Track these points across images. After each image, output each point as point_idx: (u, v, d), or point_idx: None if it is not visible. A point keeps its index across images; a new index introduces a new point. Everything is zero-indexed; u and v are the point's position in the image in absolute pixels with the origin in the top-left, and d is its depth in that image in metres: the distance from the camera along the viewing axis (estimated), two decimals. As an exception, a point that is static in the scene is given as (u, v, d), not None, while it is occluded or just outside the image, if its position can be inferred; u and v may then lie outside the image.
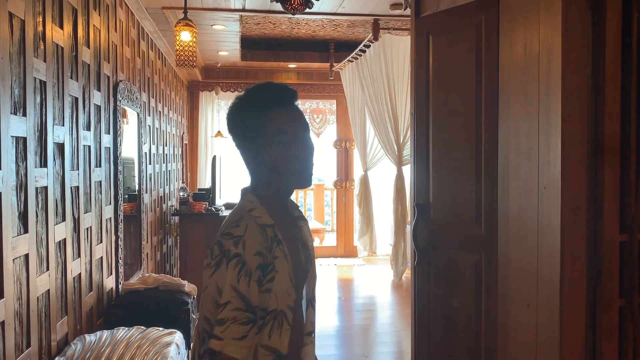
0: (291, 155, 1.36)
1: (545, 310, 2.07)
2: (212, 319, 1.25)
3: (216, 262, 1.25)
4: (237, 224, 1.30)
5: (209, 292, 1.26)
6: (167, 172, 5.72)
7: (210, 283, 1.26)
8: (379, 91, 5.86)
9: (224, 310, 1.22)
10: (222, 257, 1.25)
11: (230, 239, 1.26)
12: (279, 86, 1.40)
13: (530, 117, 2.15)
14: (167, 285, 3.27)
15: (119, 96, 3.42)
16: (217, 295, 1.24)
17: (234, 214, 1.35)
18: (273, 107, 1.36)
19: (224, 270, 1.24)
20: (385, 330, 5.42)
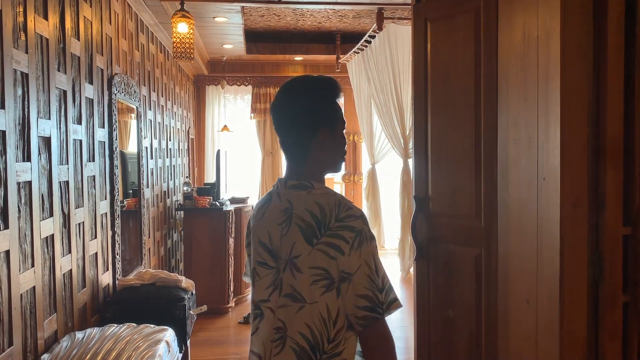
0: (341, 143, 1.50)
1: (545, 307, 1.97)
2: (373, 292, 1.33)
3: (358, 242, 1.33)
4: (348, 206, 1.38)
5: (362, 272, 1.33)
6: (171, 167, 5.68)
7: (361, 264, 1.33)
8: (384, 82, 5.76)
9: (385, 280, 1.36)
10: (357, 236, 1.33)
11: (354, 219, 1.35)
12: (333, 80, 1.50)
13: (530, 105, 2.05)
14: (163, 281, 3.22)
15: (114, 89, 3.36)
16: (369, 270, 1.33)
17: (328, 199, 1.39)
18: (333, 98, 1.47)
19: (366, 247, 1.33)
20: (393, 325, 5.31)
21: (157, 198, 4.92)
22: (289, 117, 1.46)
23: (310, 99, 1.45)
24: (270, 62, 7.89)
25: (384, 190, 7.66)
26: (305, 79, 1.50)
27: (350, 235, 1.33)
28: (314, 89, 1.47)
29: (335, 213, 1.36)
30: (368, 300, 1.33)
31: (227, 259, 5.41)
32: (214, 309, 5.34)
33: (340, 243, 1.33)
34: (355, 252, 1.32)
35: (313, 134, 1.44)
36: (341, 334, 1.37)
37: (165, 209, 5.30)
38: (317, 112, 1.44)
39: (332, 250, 1.33)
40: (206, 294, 5.36)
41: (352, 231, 1.33)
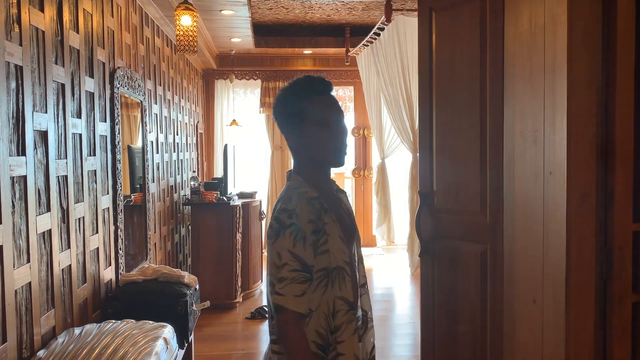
0: (327, 136, 1.57)
1: (551, 306, 1.90)
2: (273, 279, 1.46)
3: (275, 233, 1.48)
4: (288, 200, 1.52)
5: (270, 259, 1.49)
6: (178, 162, 5.65)
7: (271, 252, 1.49)
8: (393, 75, 5.67)
9: (283, 270, 1.45)
10: (280, 229, 1.47)
11: (285, 212, 1.49)
12: (316, 78, 1.62)
13: (536, 96, 1.97)
14: (166, 276, 3.19)
15: (116, 83, 3.33)
16: (277, 259, 1.46)
17: (285, 193, 1.57)
18: (312, 95, 1.57)
19: (281, 238, 1.47)
20: (402, 321, 5.28)
21: (164, 193, 4.89)
22: (276, 117, 1.64)
23: (283, 102, 1.61)
24: (279, 55, 7.83)
25: (394, 185, 7.58)
26: (289, 83, 1.64)
27: (275, 226, 1.50)
28: (287, 92, 1.61)
29: (279, 205, 1.54)
30: (271, 285, 1.48)
31: (234, 253, 5.38)
32: (221, 304, 5.32)
33: (269, 231, 1.52)
34: (270, 241, 1.50)
35: (293, 130, 1.59)
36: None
37: (172, 204, 5.28)
38: (289, 113, 1.59)
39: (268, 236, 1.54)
40: (213, 289, 5.33)
41: (277, 223, 1.49)
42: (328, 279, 1.51)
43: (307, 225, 1.47)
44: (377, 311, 5.56)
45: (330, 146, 1.58)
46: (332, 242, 1.52)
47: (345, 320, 1.53)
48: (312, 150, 1.59)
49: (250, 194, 6.15)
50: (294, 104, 1.58)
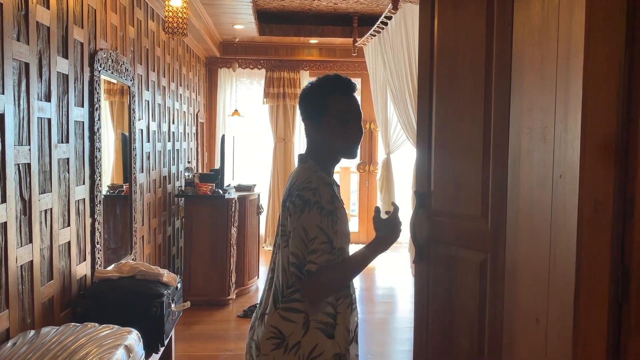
0: (343, 132, 1.72)
1: (556, 328, 1.66)
2: (302, 252, 1.60)
3: (300, 209, 1.61)
4: (310, 180, 1.65)
5: (296, 233, 1.60)
6: (174, 151, 5.44)
7: (297, 226, 1.61)
8: (399, 67, 5.41)
9: (314, 243, 1.59)
10: (305, 205, 1.60)
11: (309, 190, 1.62)
12: (343, 78, 1.78)
13: (547, 87, 1.72)
14: (143, 274, 2.98)
15: (97, 66, 3.11)
16: (304, 233, 1.60)
17: (302, 173, 1.70)
18: (336, 93, 1.73)
19: (307, 214, 1.60)
20: (403, 325, 5.04)
21: (155, 183, 4.68)
22: (302, 108, 1.78)
23: (310, 95, 1.76)
24: (284, 44, 7.58)
25: (399, 181, 7.32)
26: (318, 78, 1.79)
27: (298, 202, 1.61)
28: (316, 87, 1.76)
29: (298, 183, 1.66)
30: (296, 258, 1.61)
31: (228, 249, 5.17)
32: (214, 300, 5.12)
33: (291, 207, 1.63)
34: (295, 216, 1.61)
35: (316, 121, 1.73)
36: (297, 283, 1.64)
37: (165, 195, 5.07)
38: (315, 105, 1.73)
39: (288, 211, 1.64)
40: (206, 285, 5.14)
41: (301, 200, 1.61)
42: (336, 257, 1.65)
43: (327, 204, 1.62)
44: (377, 314, 5.33)
45: (345, 141, 1.75)
46: (340, 225, 1.66)
47: (342, 295, 1.73)
48: (329, 142, 1.74)
49: (249, 187, 5.93)
50: (319, 98, 1.73)
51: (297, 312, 1.65)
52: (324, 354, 1.65)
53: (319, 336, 1.65)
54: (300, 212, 1.60)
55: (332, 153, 1.76)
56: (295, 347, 1.64)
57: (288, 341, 1.64)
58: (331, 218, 1.62)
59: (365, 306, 5.56)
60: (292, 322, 1.65)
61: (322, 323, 1.66)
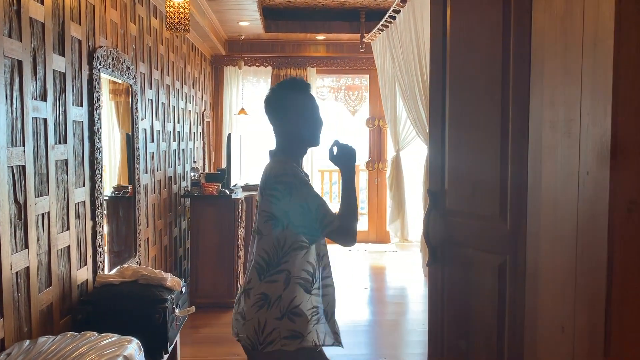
0: (306, 122, 1.99)
1: (584, 339, 1.53)
2: (311, 223, 1.86)
3: (288, 192, 1.85)
4: (285, 169, 1.90)
5: (295, 212, 1.85)
6: (179, 151, 5.34)
7: (292, 206, 1.85)
8: (409, 62, 5.27)
9: (320, 210, 1.85)
10: (290, 188, 1.85)
11: (287, 176, 1.87)
12: (298, 79, 2.05)
13: (571, 77, 1.59)
14: (146, 278, 2.88)
15: (96, 64, 3.01)
16: (305, 208, 1.85)
17: (277, 166, 1.93)
18: (295, 92, 1.99)
19: (297, 193, 1.85)
20: (415, 327, 4.90)
21: (160, 184, 4.59)
22: (267, 109, 2.04)
23: (275, 96, 2.02)
24: (290, 41, 7.46)
25: (409, 179, 7.18)
26: (280, 82, 2.06)
27: (281, 187, 1.86)
28: (278, 89, 2.03)
29: (274, 173, 1.91)
30: (308, 229, 1.88)
31: (235, 249, 5.06)
32: (221, 302, 5.01)
33: (277, 193, 1.87)
34: (285, 200, 1.85)
35: (281, 118, 2.01)
36: (288, 253, 1.89)
37: (170, 196, 4.97)
38: (281, 106, 2.00)
39: (272, 198, 1.88)
40: (213, 287, 5.04)
41: (284, 185, 1.86)
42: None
43: (306, 184, 1.88)
44: (388, 315, 5.21)
45: (309, 132, 2.00)
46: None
47: (327, 262, 2.04)
48: (296, 135, 1.99)
49: (256, 186, 5.81)
50: (282, 97, 2.00)
51: (280, 273, 1.89)
52: (302, 305, 1.89)
53: (297, 290, 1.89)
54: (289, 194, 1.85)
55: (299, 144, 2.01)
56: (276, 301, 1.87)
57: (270, 299, 1.87)
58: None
59: (376, 307, 5.44)
60: (275, 282, 1.89)
61: (301, 279, 1.91)
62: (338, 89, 8.30)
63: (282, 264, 1.88)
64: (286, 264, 1.88)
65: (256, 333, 1.86)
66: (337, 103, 8.31)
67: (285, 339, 1.85)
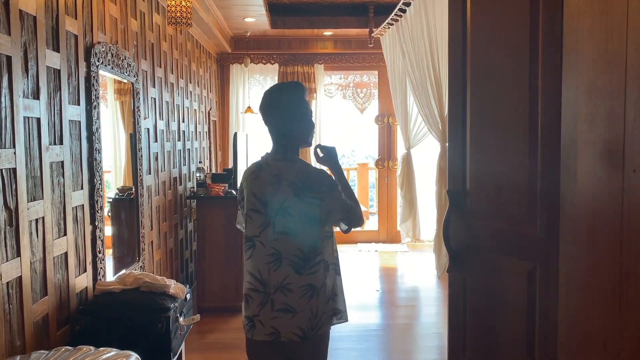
0: (306, 126, 2.14)
1: (632, 357, 1.36)
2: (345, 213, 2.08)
3: (331, 189, 2.06)
4: (319, 171, 2.11)
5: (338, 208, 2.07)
6: (184, 151, 5.20)
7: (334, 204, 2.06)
8: (420, 56, 5.10)
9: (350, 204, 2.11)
10: (332, 185, 2.08)
11: (327, 178, 2.09)
12: (297, 83, 2.18)
13: (612, 64, 1.41)
14: (148, 285, 2.73)
15: (94, 60, 2.87)
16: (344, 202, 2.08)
17: (305, 166, 2.09)
18: (292, 95, 2.12)
19: (337, 192, 2.08)
20: (427, 331, 4.73)
21: (164, 185, 4.45)
22: (264, 109, 2.15)
23: (275, 95, 2.13)
24: (297, 37, 7.30)
25: (420, 177, 7.00)
26: (277, 84, 2.25)
27: (325, 189, 2.04)
28: (277, 89, 2.19)
29: (315, 178, 2.06)
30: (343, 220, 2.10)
31: (243, 252, 4.91)
32: (229, 306, 4.87)
33: (320, 195, 2.03)
34: (331, 197, 2.05)
35: (291, 126, 2.11)
36: (323, 244, 2.07)
37: (175, 197, 4.83)
38: (291, 110, 2.11)
39: (316, 201, 2.02)
40: (220, 290, 4.90)
41: (326, 186, 2.05)
42: None
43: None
44: (400, 318, 5.04)
45: (306, 135, 2.15)
46: None
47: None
48: (295, 138, 2.13)
49: (263, 186, 5.66)
50: (277, 100, 2.12)
51: (319, 264, 2.05)
52: (337, 287, 2.13)
53: (333, 274, 2.12)
54: (333, 191, 2.07)
55: (297, 146, 2.14)
56: (322, 288, 2.05)
57: (317, 287, 2.03)
58: None
59: (387, 310, 5.27)
60: (317, 272, 2.04)
61: (333, 263, 2.13)
62: (346, 86, 8.13)
63: (318, 256, 2.05)
64: (321, 254, 2.06)
65: (310, 321, 2.02)
66: (345, 101, 8.15)
67: (330, 318, 2.10)
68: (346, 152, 15.28)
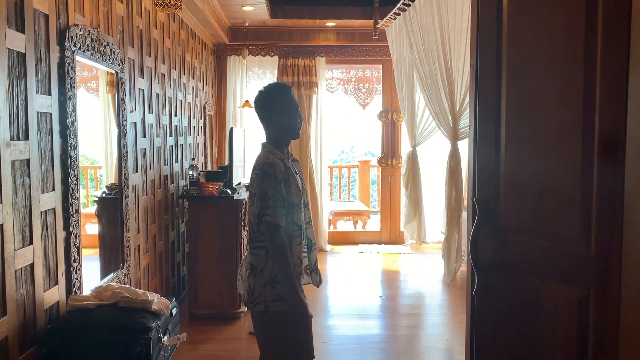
0: (289, 120, 2.43)
1: None
2: (262, 208, 2.27)
3: (261, 178, 2.28)
4: (267, 157, 2.33)
5: (259, 195, 2.28)
6: (177, 147, 4.87)
7: (260, 189, 2.28)
8: (430, 48, 4.76)
9: (271, 201, 2.26)
10: (264, 175, 2.28)
11: (267, 165, 2.31)
12: (283, 83, 2.56)
13: None
14: (128, 301, 2.41)
15: (69, 45, 2.53)
16: (263, 195, 2.27)
17: (264, 154, 2.37)
18: (280, 94, 2.44)
19: (265, 181, 2.28)
20: (433, 343, 4.34)
21: (154, 184, 4.12)
22: (258, 106, 2.47)
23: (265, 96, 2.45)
24: (298, 28, 6.95)
25: (426, 176, 6.67)
26: (270, 84, 2.52)
27: (260, 173, 2.30)
28: (268, 91, 2.46)
29: (260, 159, 2.37)
30: (259, 211, 2.30)
31: (239, 255, 4.58)
32: (223, 314, 4.55)
33: (255, 177, 2.33)
34: (257, 181, 2.31)
35: (268, 116, 2.44)
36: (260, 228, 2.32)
37: (166, 196, 4.50)
38: (270, 104, 2.43)
39: (252, 181, 2.36)
40: (214, 297, 4.57)
41: (262, 172, 2.30)
42: (291, 209, 2.33)
43: (279, 173, 2.29)
44: (402, 329, 4.68)
45: (290, 127, 2.43)
46: (292, 187, 2.34)
47: (297, 235, 2.39)
48: (280, 128, 2.42)
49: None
50: (269, 99, 2.42)
51: (261, 249, 2.32)
52: (273, 272, 2.30)
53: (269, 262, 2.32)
54: (261, 180, 2.27)
55: (283, 137, 2.43)
56: (261, 272, 2.31)
57: (256, 269, 2.32)
58: (284, 183, 2.29)
59: (389, 320, 4.88)
60: (258, 255, 2.33)
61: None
62: (348, 80, 7.79)
63: (259, 237, 2.33)
64: (262, 239, 2.33)
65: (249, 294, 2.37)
66: (347, 96, 7.82)
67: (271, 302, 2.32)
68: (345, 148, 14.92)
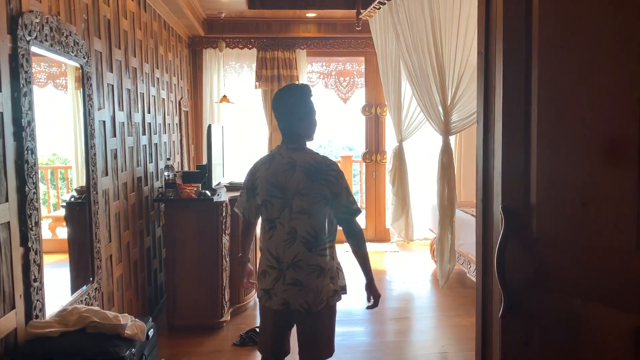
0: (313, 124, 2.52)
1: None
2: (353, 202, 2.42)
3: (337, 177, 2.40)
4: (328, 158, 2.46)
5: (345, 191, 2.41)
6: (150, 146, 4.54)
7: (344, 187, 2.41)
8: (419, 37, 4.50)
9: (352, 196, 2.44)
10: (338, 173, 2.42)
11: (335, 165, 2.46)
12: (303, 85, 2.59)
13: None
14: (97, 326, 2.10)
15: (23, 33, 2.21)
16: (347, 189, 2.42)
17: (320, 156, 2.46)
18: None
19: (343, 179, 2.42)
20: (422, 351, 4.04)
21: (126, 187, 3.79)
22: (276, 106, 2.51)
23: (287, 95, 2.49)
24: (277, 19, 6.65)
25: (413, 172, 6.44)
26: (289, 85, 2.59)
27: (334, 174, 2.40)
28: (288, 90, 2.52)
29: (326, 162, 2.44)
30: (352, 204, 2.43)
31: (219, 261, 4.28)
32: (204, 324, 4.26)
33: (332, 178, 2.39)
34: (338, 183, 2.39)
35: (303, 121, 2.47)
36: (333, 228, 2.46)
37: (140, 200, 4.18)
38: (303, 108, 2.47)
39: (326, 183, 2.38)
40: (193, 306, 4.27)
41: (337, 171, 2.43)
42: None
43: None
44: (389, 335, 4.41)
45: (312, 130, 2.52)
46: None
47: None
48: (305, 132, 2.49)
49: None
50: (287, 100, 2.48)
51: (327, 249, 2.41)
52: (334, 268, 2.46)
53: (333, 259, 2.47)
54: (341, 179, 2.41)
55: (305, 139, 2.48)
56: (328, 270, 2.41)
57: (324, 269, 2.39)
58: None
59: (374, 325, 4.60)
60: (325, 256, 2.40)
61: (333, 249, 2.48)
62: (328, 74, 7.52)
63: (327, 238, 2.40)
64: (330, 239, 2.43)
65: (315, 297, 2.37)
66: (327, 90, 7.54)
67: (330, 298, 2.43)
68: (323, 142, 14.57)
